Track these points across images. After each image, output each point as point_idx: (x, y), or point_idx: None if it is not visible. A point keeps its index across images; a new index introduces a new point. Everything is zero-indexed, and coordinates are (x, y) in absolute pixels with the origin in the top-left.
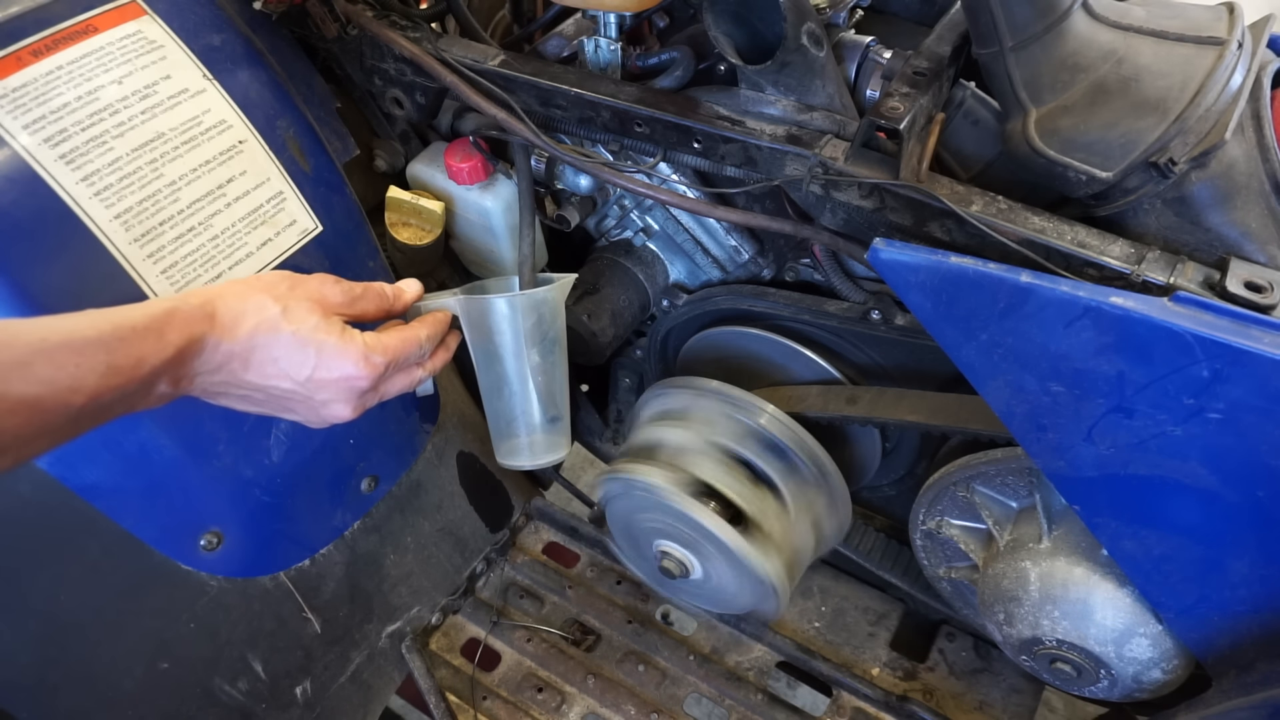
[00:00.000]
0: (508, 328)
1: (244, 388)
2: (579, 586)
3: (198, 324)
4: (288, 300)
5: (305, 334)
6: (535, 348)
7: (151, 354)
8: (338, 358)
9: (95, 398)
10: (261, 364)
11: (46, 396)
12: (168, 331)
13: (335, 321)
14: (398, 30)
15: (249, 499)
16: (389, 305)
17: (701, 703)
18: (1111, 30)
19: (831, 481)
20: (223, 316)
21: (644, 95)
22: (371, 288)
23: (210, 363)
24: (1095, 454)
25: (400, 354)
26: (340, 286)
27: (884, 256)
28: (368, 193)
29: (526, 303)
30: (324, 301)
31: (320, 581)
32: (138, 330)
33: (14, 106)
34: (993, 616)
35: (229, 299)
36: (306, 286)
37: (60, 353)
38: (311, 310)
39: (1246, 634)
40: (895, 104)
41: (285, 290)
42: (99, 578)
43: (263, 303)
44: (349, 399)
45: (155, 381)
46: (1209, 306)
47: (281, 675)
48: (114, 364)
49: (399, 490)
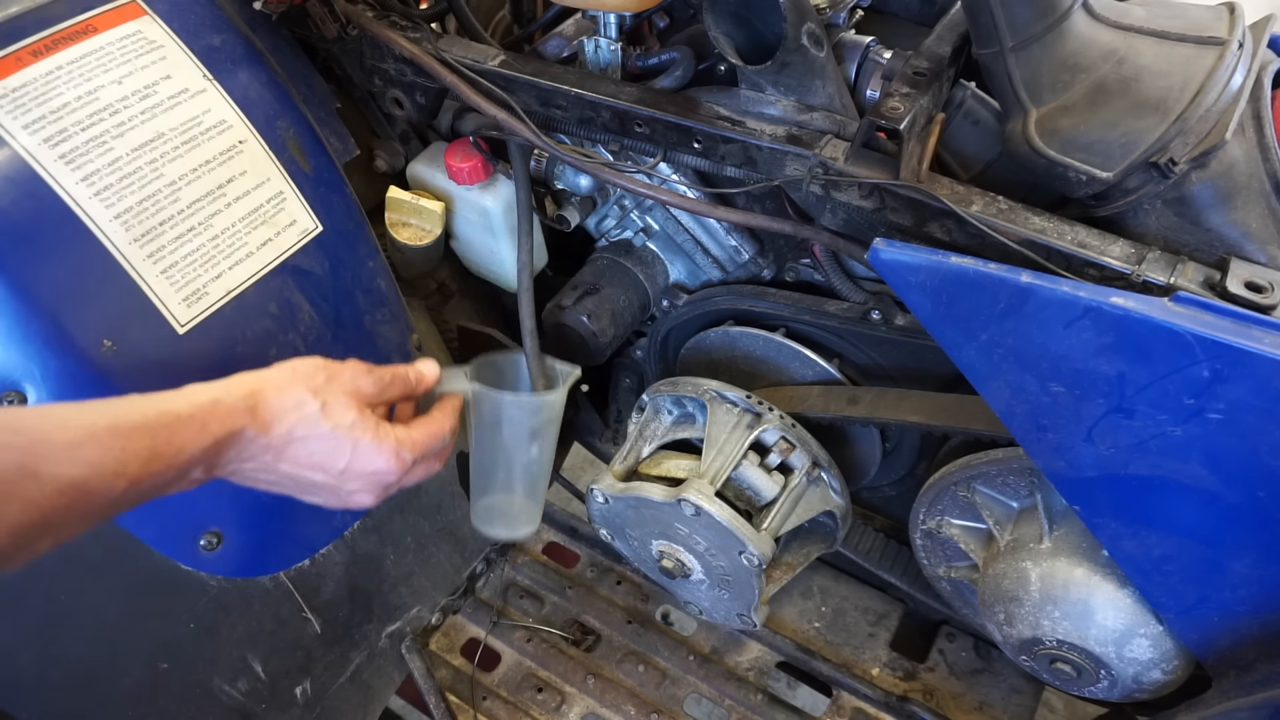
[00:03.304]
0: (515, 425)
1: (275, 474)
2: (579, 586)
3: (239, 417)
4: (325, 395)
5: (343, 431)
6: (536, 442)
7: (191, 442)
8: (372, 454)
9: (136, 483)
10: (296, 456)
11: (92, 479)
12: (210, 422)
13: (369, 416)
14: (398, 30)
15: (249, 499)
16: (412, 389)
17: (701, 703)
18: (1112, 30)
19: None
20: (263, 411)
21: (644, 95)
22: (398, 375)
23: (245, 453)
24: (1095, 454)
25: (428, 449)
26: (373, 376)
27: (884, 257)
28: (368, 193)
29: (536, 405)
30: (359, 394)
31: (320, 582)
32: (181, 418)
33: (14, 106)
34: (993, 617)
35: (269, 393)
36: (341, 379)
37: (107, 436)
38: (349, 406)
39: (1246, 634)
40: (895, 104)
41: (323, 383)
42: (99, 578)
43: (301, 398)
44: (375, 490)
45: (191, 469)
46: (1209, 307)
47: (281, 675)
48: (157, 450)
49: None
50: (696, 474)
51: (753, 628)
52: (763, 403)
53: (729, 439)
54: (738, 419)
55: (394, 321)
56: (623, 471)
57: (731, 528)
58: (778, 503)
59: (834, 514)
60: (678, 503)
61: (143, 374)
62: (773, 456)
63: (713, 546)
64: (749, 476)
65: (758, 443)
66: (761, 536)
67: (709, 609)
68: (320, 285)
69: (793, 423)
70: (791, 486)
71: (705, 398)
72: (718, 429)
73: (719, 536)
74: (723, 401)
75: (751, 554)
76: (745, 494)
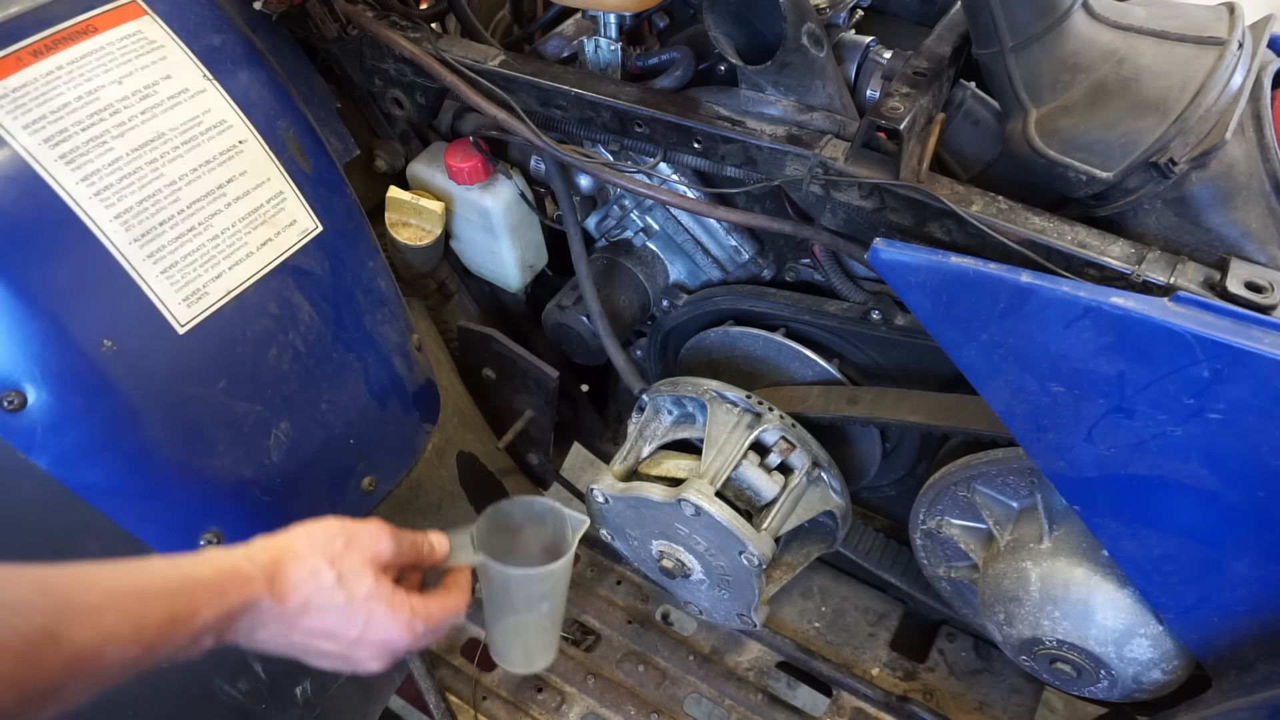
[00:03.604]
0: (523, 592)
1: (287, 642)
2: (579, 586)
3: (257, 586)
4: (342, 563)
5: (358, 601)
6: (547, 600)
7: (208, 609)
8: (386, 624)
9: (150, 649)
10: (310, 626)
11: (109, 646)
12: (229, 590)
13: (385, 583)
14: (398, 30)
15: (249, 499)
16: (423, 559)
17: (701, 703)
18: (1112, 30)
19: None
20: (280, 580)
21: (644, 95)
22: (415, 542)
23: (259, 621)
24: (1095, 454)
25: (440, 624)
26: (393, 541)
27: (884, 257)
28: (368, 193)
29: (542, 575)
30: (378, 558)
31: None
32: (202, 583)
33: (14, 106)
34: (993, 616)
35: (287, 561)
36: (360, 542)
37: (129, 600)
38: (365, 572)
39: (1246, 634)
40: (895, 104)
41: (340, 549)
42: None
43: (318, 568)
44: (385, 658)
45: (204, 635)
46: (1209, 307)
47: (281, 675)
48: (175, 615)
49: (399, 490)
50: (696, 474)
51: (753, 628)
52: (763, 403)
53: (729, 439)
54: (738, 419)
55: (394, 321)
56: (623, 471)
57: (731, 528)
58: (778, 503)
59: (834, 514)
60: (678, 503)
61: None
62: (773, 456)
63: (713, 546)
64: (749, 476)
65: (758, 443)
66: (761, 536)
67: (709, 609)
68: (320, 285)
69: (793, 423)
70: (791, 486)
71: (705, 398)
72: (718, 429)
73: (719, 536)
74: (723, 401)
75: (751, 554)
76: (745, 494)
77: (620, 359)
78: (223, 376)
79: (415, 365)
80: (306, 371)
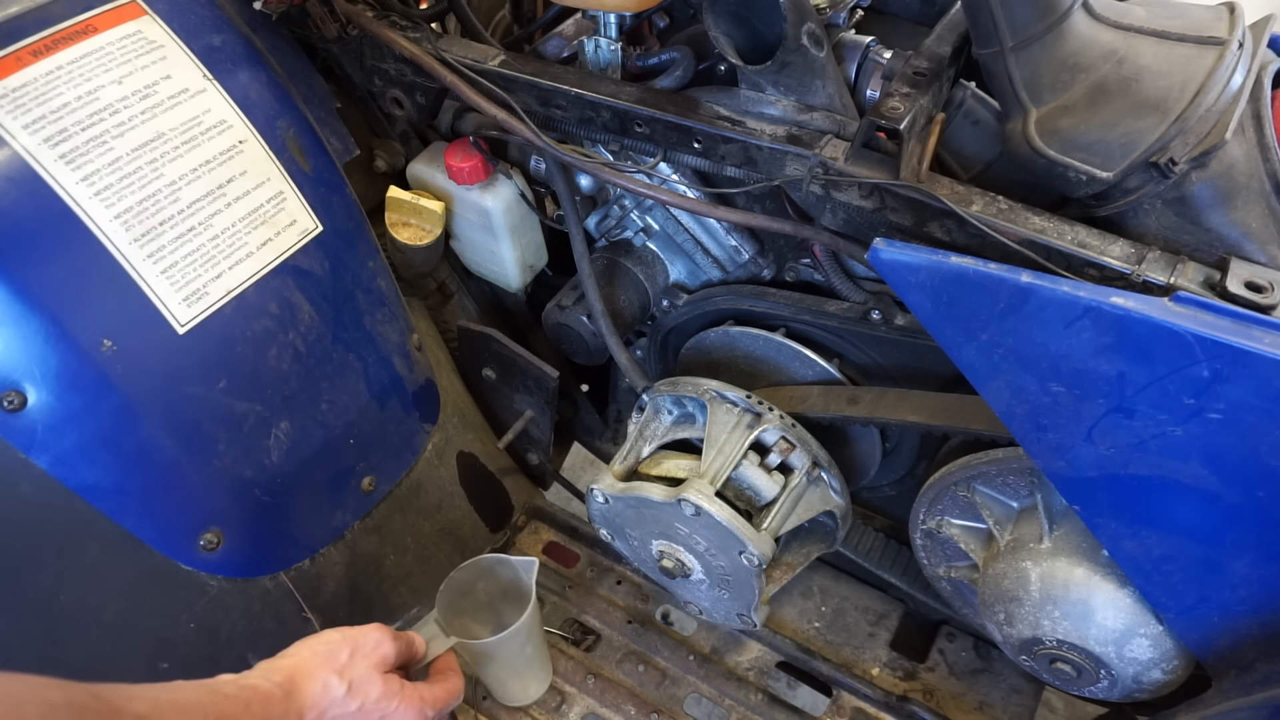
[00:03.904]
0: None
1: None
2: (579, 586)
3: (276, 704)
4: (351, 672)
5: (370, 705)
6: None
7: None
8: (401, 717)
9: None
10: None
11: None
12: (253, 704)
13: (393, 681)
14: (398, 30)
15: (249, 499)
16: (415, 656)
17: (701, 703)
18: (1112, 30)
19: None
20: (296, 698)
21: (644, 95)
22: (411, 642)
23: None
24: (1095, 454)
25: (447, 706)
26: (396, 643)
27: (884, 256)
28: (368, 193)
29: (509, 636)
30: (384, 662)
31: (320, 581)
32: (229, 698)
33: (14, 106)
34: (993, 616)
35: (300, 680)
36: (364, 649)
37: (169, 710)
38: (373, 678)
39: (1246, 634)
40: (895, 104)
41: (346, 660)
42: (99, 578)
43: (329, 683)
44: None
45: None
46: (1209, 306)
47: None
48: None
49: (399, 490)
50: (696, 474)
51: (753, 628)
52: (763, 403)
53: (729, 439)
54: (738, 419)
55: (394, 321)
56: (623, 471)
57: (731, 528)
58: (778, 503)
59: (834, 514)
60: (678, 503)
61: (143, 374)
62: (773, 456)
63: (713, 546)
64: (749, 476)
65: (758, 443)
66: (761, 536)
67: (709, 609)
68: (320, 285)
69: (793, 423)
70: (791, 486)
71: (705, 398)
72: (718, 429)
73: (719, 536)
74: (723, 401)
75: (751, 554)
76: (745, 494)
77: (624, 358)
78: (223, 376)
79: (415, 365)
80: (306, 371)
